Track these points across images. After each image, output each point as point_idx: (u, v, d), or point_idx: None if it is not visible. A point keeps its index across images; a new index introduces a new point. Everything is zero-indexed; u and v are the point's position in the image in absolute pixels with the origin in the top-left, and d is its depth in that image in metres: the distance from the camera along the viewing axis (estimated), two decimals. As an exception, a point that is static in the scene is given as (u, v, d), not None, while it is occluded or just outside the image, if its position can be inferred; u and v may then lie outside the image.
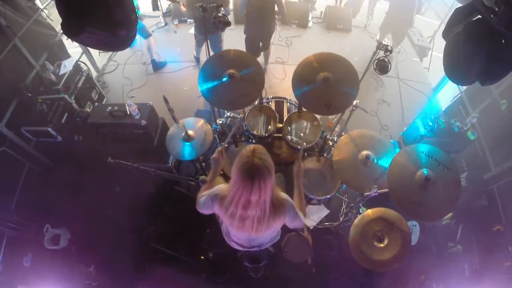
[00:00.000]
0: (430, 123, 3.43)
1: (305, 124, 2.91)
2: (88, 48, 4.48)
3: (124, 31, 1.40)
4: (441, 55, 1.63)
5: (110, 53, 5.14)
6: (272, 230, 1.77)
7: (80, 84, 3.82)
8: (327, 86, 2.37)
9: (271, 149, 2.91)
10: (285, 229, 1.83)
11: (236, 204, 1.44)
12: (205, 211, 1.68)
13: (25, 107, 3.32)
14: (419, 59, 5.54)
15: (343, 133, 3.04)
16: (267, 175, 1.36)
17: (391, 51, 2.32)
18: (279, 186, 1.59)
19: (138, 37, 4.84)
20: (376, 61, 2.41)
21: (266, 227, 1.54)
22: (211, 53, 3.21)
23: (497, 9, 1.20)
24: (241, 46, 4.15)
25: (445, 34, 1.57)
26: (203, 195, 1.66)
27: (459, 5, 1.53)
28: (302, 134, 2.85)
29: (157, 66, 4.90)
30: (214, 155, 1.87)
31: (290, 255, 2.47)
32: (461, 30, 1.42)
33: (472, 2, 1.36)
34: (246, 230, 1.55)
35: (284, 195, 1.58)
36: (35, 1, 3.93)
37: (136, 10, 4.46)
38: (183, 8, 4.19)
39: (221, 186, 1.62)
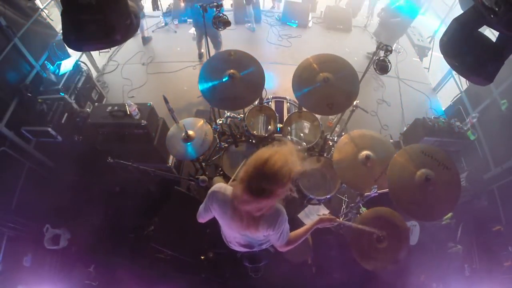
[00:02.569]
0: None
1: (305, 124, 2.91)
2: (88, 48, 4.49)
3: (118, 35, 1.44)
4: (441, 55, 1.63)
5: (110, 53, 5.14)
6: (263, 235, 1.73)
7: (80, 84, 3.82)
8: (327, 86, 2.38)
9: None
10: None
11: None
12: (204, 216, 1.72)
13: (25, 107, 3.32)
14: (419, 59, 5.54)
15: (343, 133, 3.04)
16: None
17: (391, 51, 2.32)
18: None
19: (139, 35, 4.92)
20: (376, 61, 2.42)
21: (254, 228, 1.52)
22: (210, 48, 3.27)
23: (497, 9, 1.20)
24: (241, 46, 4.16)
25: (445, 52, 1.56)
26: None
27: (460, 4, 1.54)
28: (302, 134, 2.85)
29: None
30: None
31: (290, 255, 2.47)
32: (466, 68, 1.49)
33: (473, 9, 1.37)
34: (239, 227, 1.56)
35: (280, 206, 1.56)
36: (35, 1, 3.93)
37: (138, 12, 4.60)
38: (182, 3, 4.21)
39: (221, 184, 1.62)
